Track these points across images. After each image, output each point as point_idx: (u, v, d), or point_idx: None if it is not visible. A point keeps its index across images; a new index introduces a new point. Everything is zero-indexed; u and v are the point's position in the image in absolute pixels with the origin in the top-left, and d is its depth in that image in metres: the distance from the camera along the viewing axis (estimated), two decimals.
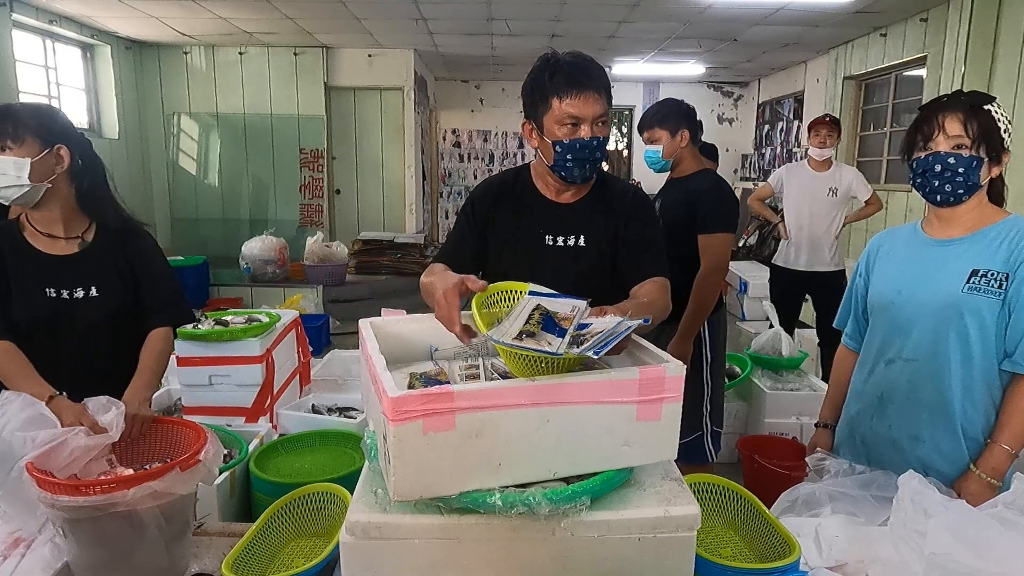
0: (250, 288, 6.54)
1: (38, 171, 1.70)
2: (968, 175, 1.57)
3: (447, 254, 1.77)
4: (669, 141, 2.74)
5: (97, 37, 6.96)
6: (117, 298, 1.82)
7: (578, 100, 1.58)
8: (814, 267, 4.45)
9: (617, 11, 6.09)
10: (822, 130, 4.41)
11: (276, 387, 2.95)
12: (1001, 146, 1.59)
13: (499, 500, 1.00)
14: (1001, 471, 1.58)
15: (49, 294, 1.76)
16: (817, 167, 4.49)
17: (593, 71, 1.61)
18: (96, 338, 1.81)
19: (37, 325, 1.76)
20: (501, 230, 1.77)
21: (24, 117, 1.71)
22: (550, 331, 1.07)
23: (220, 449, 1.43)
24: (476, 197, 1.83)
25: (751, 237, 8.20)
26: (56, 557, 1.38)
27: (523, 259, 1.74)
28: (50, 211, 1.78)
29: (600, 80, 1.61)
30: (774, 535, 1.36)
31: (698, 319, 2.67)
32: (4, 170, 1.67)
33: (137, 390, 1.69)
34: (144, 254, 1.89)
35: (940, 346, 1.63)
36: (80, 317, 1.78)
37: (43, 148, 1.71)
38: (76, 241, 1.82)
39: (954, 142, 1.57)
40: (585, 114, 1.59)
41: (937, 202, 1.63)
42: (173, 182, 8.10)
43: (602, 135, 1.63)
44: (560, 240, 1.73)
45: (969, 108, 1.57)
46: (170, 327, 1.88)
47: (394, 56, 8.03)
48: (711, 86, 10.55)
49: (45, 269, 1.77)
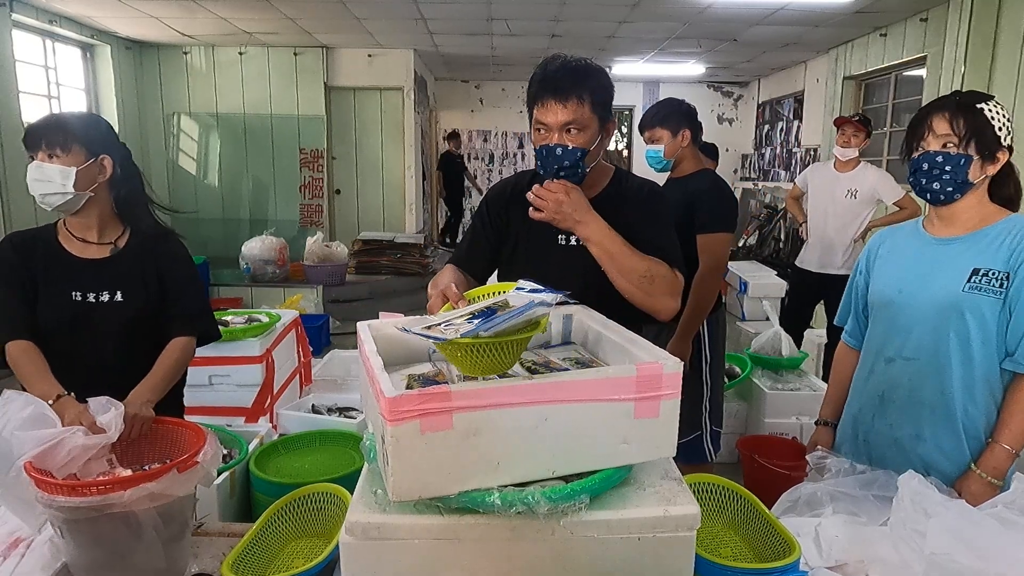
0: (250, 288, 6.54)
1: (82, 180, 1.74)
2: (956, 173, 1.57)
3: (461, 255, 1.79)
4: (670, 141, 2.74)
5: (97, 37, 6.96)
6: (140, 304, 1.83)
7: (545, 108, 1.59)
8: (825, 269, 4.34)
9: (617, 11, 6.08)
10: (848, 129, 4.27)
11: (276, 387, 2.95)
12: (998, 144, 1.57)
13: (498, 499, 1.00)
14: (1002, 471, 1.58)
15: (75, 297, 1.78)
16: (841, 167, 4.35)
17: (565, 80, 1.57)
18: (115, 342, 1.82)
19: (59, 326, 1.77)
20: (515, 230, 1.78)
21: (73, 127, 1.75)
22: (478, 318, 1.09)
23: (219, 450, 1.43)
24: (490, 199, 1.85)
25: (751, 237, 8.21)
26: (55, 557, 1.38)
27: (535, 259, 1.75)
28: (87, 217, 1.81)
29: (571, 88, 1.57)
30: (774, 535, 1.35)
31: (697, 319, 2.67)
32: (50, 178, 1.71)
33: (142, 392, 1.69)
34: (175, 262, 1.90)
35: (941, 345, 1.63)
36: (101, 321, 1.80)
37: (88, 157, 1.75)
38: (108, 247, 1.84)
39: (943, 141, 1.58)
40: (549, 121, 1.59)
41: (929, 200, 1.64)
42: (173, 182, 8.10)
43: (574, 143, 1.59)
44: (572, 239, 1.71)
45: (957, 107, 1.58)
46: (192, 337, 1.88)
47: (394, 56, 8.03)
48: (711, 86, 10.55)
49: (74, 272, 1.80)
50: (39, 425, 1.38)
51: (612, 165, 1.82)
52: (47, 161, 1.72)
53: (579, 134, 1.59)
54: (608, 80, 1.65)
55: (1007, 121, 1.60)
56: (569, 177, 1.62)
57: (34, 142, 1.74)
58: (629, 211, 1.70)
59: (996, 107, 1.59)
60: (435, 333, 1.08)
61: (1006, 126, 1.59)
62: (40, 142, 1.73)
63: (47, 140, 1.72)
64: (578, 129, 1.58)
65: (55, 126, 1.75)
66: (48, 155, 1.72)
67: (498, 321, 1.05)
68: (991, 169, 1.60)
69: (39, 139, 1.73)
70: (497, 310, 1.12)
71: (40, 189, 1.72)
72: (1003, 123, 1.58)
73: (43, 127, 1.75)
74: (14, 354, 1.68)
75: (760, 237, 8.03)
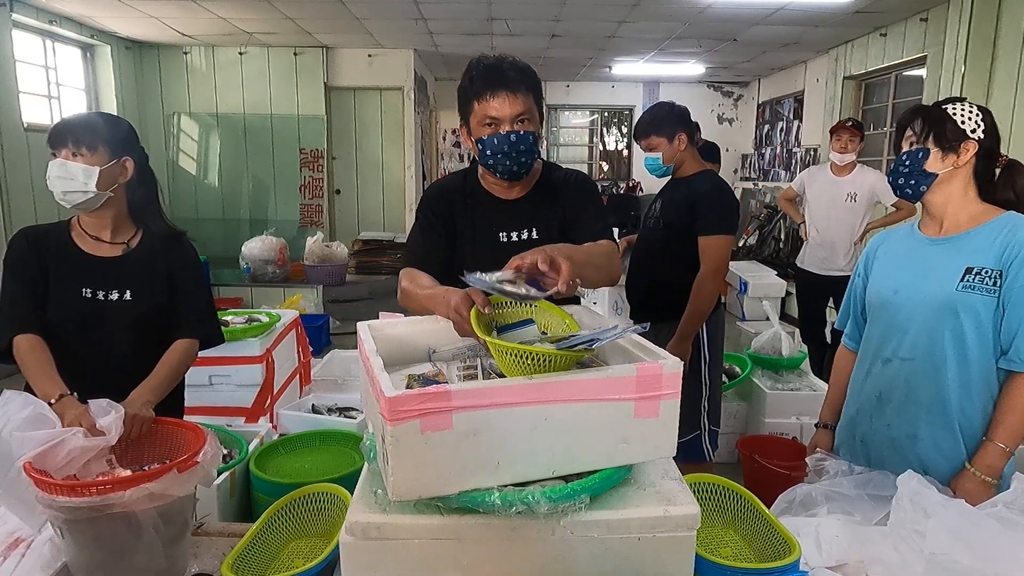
0: (250, 288, 6.54)
1: (104, 180, 1.75)
2: (914, 165, 1.65)
3: (422, 259, 1.75)
4: (667, 147, 2.74)
5: (97, 37, 6.96)
6: (148, 304, 1.84)
7: (494, 101, 1.64)
8: (828, 271, 4.46)
9: (617, 11, 6.08)
10: (843, 135, 4.39)
11: (276, 387, 2.95)
12: (962, 136, 1.61)
13: (498, 499, 1.00)
14: (996, 469, 1.58)
15: (85, 294, 1.79)
16: (838, 171, 4.47)
17: (508, 72, 1.65)
18: (124, 341, 1.82)
19: (67, 323, 1.78)
20: (460, 229, 1.80)
21: (100, 127, 1.78)
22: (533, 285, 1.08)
23: (219, 451, 1.43)
24: (432, 197, 1.85)
25: (751, 237, 8.20)
26: (55, 557, 1.38)
27: (481, 257, 1.74)
28: (103, 217, 1.83)
29: (518, 80, 1.65)
30: (774, 535, 1.35)
31: (697, 320, 2.67)
32: (73, 175, 1.72)
33: (143, 392, 1.70)
34: (184, 265, 1.91)
35: (936, 345, 1.63)
36: (109, 319, 1.81)
37: (112, 158, 1.77)
38: (121, 246, 1.85)
39: (909, 141, 1.69)
40: (503, 113, 1.65)
41: (902, 197, 1.72)
42: (173, 182, 8.09)
43: (524, 131, 1.66)
44: (514, 235, 1.77)
45: (917, 110, 1.68)
46: (196, 340, 1.89)
47: (394, 56, 8.03)
48: (711, 86, 10.54)
49: (85, 269, 1.81)
50: (38, 426, 1.38)
51: (540, 159, 1.88)
52: (71, 159, 1.73)
53: (528, 123, 1.67)
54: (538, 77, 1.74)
55: (975, 116, 1.63)
56: (526, 160, 1.69)
57: (61, 140, 1.74)
58: (564, 197, 1.80)
59: (964, 106, 1.65)
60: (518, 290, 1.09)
61: (972, 119, 1.63)
62: (67, 140, 1.73)
63: (75, 139, 1.73)
64: (527, 119, 1.67)
65: (84, 125, 1.76)
66: (73, 153, 1.73)
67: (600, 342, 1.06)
68: (956, 160, 1.63)
69: (66, 137, 1.74)
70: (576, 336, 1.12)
71: (62, 187, 1.73)
72: (968, 117, 1.63)
73: (73, 125, 1.76)
74: (22, 348, 1.69)
75: (760, 237, 8.03)
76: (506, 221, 1.79)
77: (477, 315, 1.25)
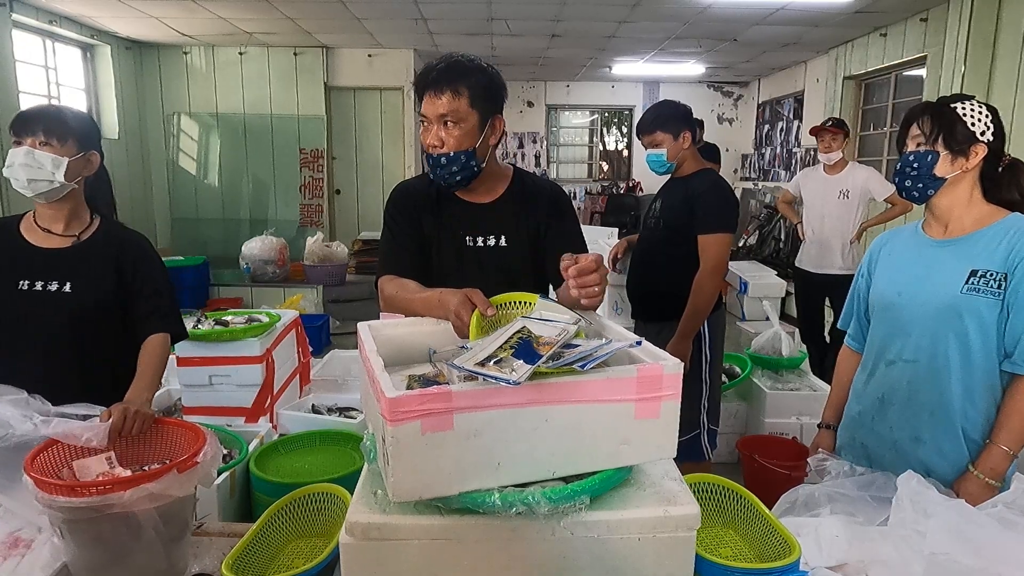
0: (250, 288, 6.54)
1: (72, 172, 1.77)
2: (923, 169, 1.61)
3: (404, 264, 1.73)
4: (672, 144, 2.74)
5: (97, 37, 6.96)
6: (89, 299, 1.81)
7: (424, 100, 1.64)
8: (825, 270, 4.48)
9: (617, 11, 6.08)
10: (825, 136, 4.43)
11: (276, 387, 2.95)
12: (972, 139, 1.58)
13: (498, 500, 1.00)
14: (999, 472, 1.57)
15: (21, 286, 1.78)
16: (830, 171, 4.51)
17: (442, 74, 1.61)
18: (65, 335, 1.79)
19: (5, 316, 1.77)
20: (427, 233, 1.77)
21: (71, 120, 1.79)
22: (521, 356, 1.04)
23: (219, 451, 1.43)
24: (398, 199, 1.81)
25: (751, 237, 8.20)
26: (55, 557, 1.38)
27: (447, 261, 1.75)
28: (59, 209, 1.82)
29: (450, 81, 1.60)
30: (774, 535, 1.35)
31: (697, 319, 2.67)
32: (41, 164, 1.72)
33: (138, 391, 1.70)
34: (144, 263, 1.90)
35: (940, 347, 1.63)
36: (47, 310, 1.78)
37: (79, 151, 1.78)
38: (71, 239, 1.84)
39: (916, 141, 1.64)
40: (427, 113, 1.64)
41: (908, 199, 1.69)
42: (173, 182, 8.09)
43: (450, 136, 1.62)
44: (480, 240, 1.74)
45: (927, 108, 1.63)
46: (167, 334, 1.88)
47: (394, 56, 8.03)
48: (711, 86, 10.54)
49: (25, 261, 1.80)
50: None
51: (511, 165, 1.85)
52: (38, 148, 1.72)
53: (455, 127, 1.62)
54: (491, 78, 1.67)
55: (984, 117, 1.60)
56: (462, 178, 1.67)
57: (28, 128, 1.73)
58: (538, 208, 1.77)
59: (972, 105, 1.61)
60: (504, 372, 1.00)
61: (982, 121, 1.59)
62: (36, 129, 1.73)
63: (45, 128, 1.73)
64: (454, 122, 1.62)
65: (55, 116, 1.76)
66: (41, 142, 1.73)
67: (589, 364, 1.02)
68: (966, 164, 1.60)
69: (36, 126, 1.73)
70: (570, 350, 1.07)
71: (28, 175, 1.72)
72: (978, 119, 1.59)
73: (43, 115, 1.76)
74: None
75: (760, 237, 8.03)
76: (474, 225, 1.75)
77: (479, 317, 1.25)
